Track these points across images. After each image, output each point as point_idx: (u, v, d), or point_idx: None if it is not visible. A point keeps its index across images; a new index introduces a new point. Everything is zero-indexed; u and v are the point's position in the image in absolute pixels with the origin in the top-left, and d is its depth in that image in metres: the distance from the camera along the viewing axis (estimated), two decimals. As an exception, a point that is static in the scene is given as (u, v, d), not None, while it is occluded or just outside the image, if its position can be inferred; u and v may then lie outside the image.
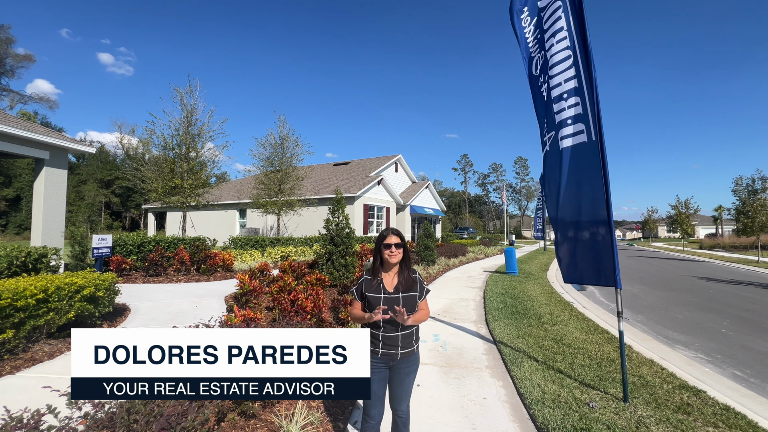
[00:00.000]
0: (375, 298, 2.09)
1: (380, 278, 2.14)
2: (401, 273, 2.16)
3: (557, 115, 3.69)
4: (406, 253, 2.16)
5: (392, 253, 2.11)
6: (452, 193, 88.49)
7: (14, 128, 7.40)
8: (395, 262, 2.13)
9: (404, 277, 2.14)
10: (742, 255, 25.23)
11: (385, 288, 2.12)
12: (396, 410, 2.17)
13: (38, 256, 6.50)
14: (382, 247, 2.14)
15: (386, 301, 2.07)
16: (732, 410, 3.14)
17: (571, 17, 3.55)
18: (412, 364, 2.15)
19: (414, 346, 2.14)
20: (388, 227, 2.30)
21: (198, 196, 13.54)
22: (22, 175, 41.80)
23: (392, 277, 2.16)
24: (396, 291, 2.11)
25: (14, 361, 3.77)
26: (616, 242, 3.38)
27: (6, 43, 42.34)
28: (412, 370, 2.15)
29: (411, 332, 2.12)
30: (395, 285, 2.13)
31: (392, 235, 2.14)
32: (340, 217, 8.26)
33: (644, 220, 67.20)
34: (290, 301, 5.20)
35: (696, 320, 6.91)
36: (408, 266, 2.18)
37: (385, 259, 2.12)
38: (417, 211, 27.07)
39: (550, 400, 3.21)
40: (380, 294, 2.10)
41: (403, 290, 2.12)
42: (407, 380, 2.14)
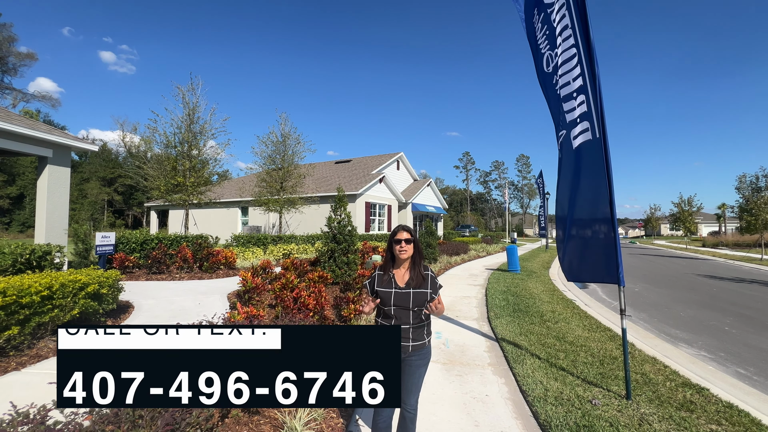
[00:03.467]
0: (386, 293, 2.13)
1: (392, 273, 2.18)
2: (413, 269, 2.19)
3: (568, 114, 3.67)
4: (417, 248, 2.20)
5: (402, 248, 2.15)
6: (454, 191, 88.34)
7: (18, 126, 7.43)
8: (405, 258, 2.17)
9: (416, 273, 2.17)
10: (746, 253, 25.12)
11: (396, 283, 2.15)
12: (405, 404, 2.17)
13: (42, 253, 6.54)
14: (393, 243, 2.19)
15: (396, 296, 2.12)
16: (735, 408, 3.14)
17: (575, 14, 3.53)
18: (423, 357, 2.17)
19: (425, 339, 2.17)
20: (399, 224, 2.31)
21: (200, 194, 13.56)
22: (25, 173, 41.98)
23: (403, 272, 2.20)
24: (407, 286, 2.14)
25: (20, 357, 3.80)
26: (619, 240, 3.37)
27: (8, 42, 42.40)
28: (422, 363, 2.17)
29: (422, 325, 2.16)
30: (406, 281, 2.16)
31: (402, 231, 2.19)
32: (342, 214, 8.26)
33: (647, 218, 67.02)
34: (293, 298, 5.21)
35: (699, 318, 6.89)
36: (419, 262, 2.21)
37: (396, 254, 2.17)
38: (419, 209, 27.05)
39: (552, 398, 3.22)
40: (391, 289, 2.14)
41: (414, 286, 2.14)
42: (417, 373, 2.16)
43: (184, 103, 13.07)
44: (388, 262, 2.23)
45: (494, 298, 7.56)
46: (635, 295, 9.16)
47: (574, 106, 3.59)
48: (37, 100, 47.89)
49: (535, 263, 15.28)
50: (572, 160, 3.65)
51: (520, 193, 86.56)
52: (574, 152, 3.61)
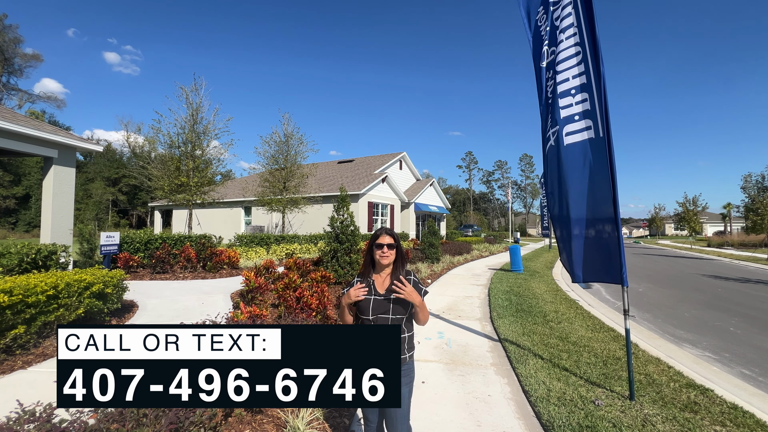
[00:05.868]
0: (364, 300, 1.94)
1: (371, 280, 2.01)
2: (394, 275, 2.00)
3: (563, 110, 3.65)
4: (399, 253, 2.02)
5: (384, 253, 1.97)
6: (456, 190, 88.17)
7: (23, 127, 7.50)
8: (387, 264, 1.99)
9: (396, 278, 1.97)
10: (751, 253, 24.89)
11: (376, 290, 1.97)
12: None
13: (48, 253, 6.60)
14: (374, 247, 2.01)
15: (376, 304, 1.92)
16: (740, 409, 3.11)
17: (582, 12, 3.52)
18: (405, 374, 1.92)
19: (406, 354, 1.93)
20: (382, 226, 2.25)
21: (203, 193, 13.64)
22: (31, 173, 42.34)
23: (384, 278, 2.01)
24: (387, 293, 1.94)
25: (26, 356, 3.84)
26: (623, 240, 3.35)
27: (14, 43, 42.81)
28: (405, 382, 1.91)
29: (403, 338, 1.94)
30: (387, 287, 1.97)
31: (385, 235, 2.00)
32: (344, 214, 8.27)
33: (651, 218, 66.56)
34: (295, 298, 5.23)
35: (703, 318, 6.84)
36: (402, 268, 2.03)
37: (377, 259, 1.99)
38: (421, 208, 27.04)
39: (555, 398, 3.21)
40: (370, 296, 1.95)
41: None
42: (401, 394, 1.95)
43: (187, 104, 13.16)
44: (367, 267, 2.04)
45: (497, 298, 7.54)
46: (639, 295, 9.11)
47: (572, 103, 3.57)
48: (42, 101, 48.44)
49: (538, 263, 15.23)
50: (565, 157, 3.62)
51: (523, 192, 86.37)
52: (567, 149, 3.60)
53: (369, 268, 2.04)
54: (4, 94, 43.74)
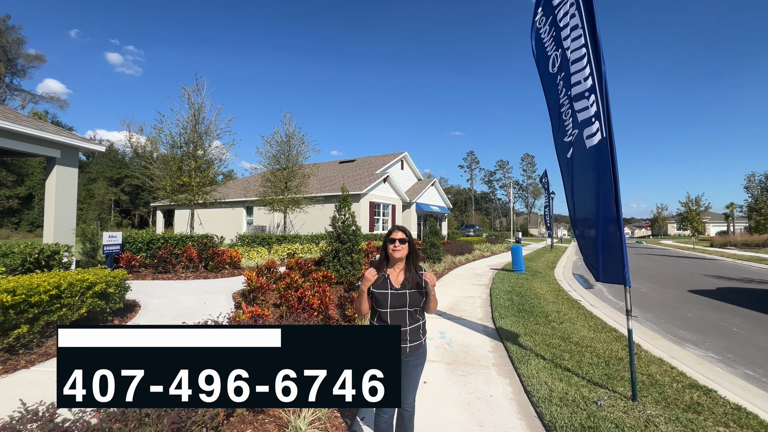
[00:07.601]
0: (382, 294, 2.11)
1: (386, 274, 2.16)
2: (408, 269, 2.17)
3: (579, 113, 3.60)
4: (412, 249, 2.18)
5: (396, 248, 2.13)
6: (458, 190, 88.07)
7: (27, 127, 7.53)
8: (399, 257, 2.15)
9: (411, 274, 2.16)
10: (755, 253, 24.74)
11: (391, 284, 2.14)
12: (403, 402, 2.17)
13: (51, 253, 6.63)
14: (387, 242, 2.18)
15: (393, 297, 2.10)
16: (743, 410, 3.10)
17: (584, 13, 3.51)
18: (420, 356, 2.19)
19: (422, 339, 2.19)
20: (395, 224, 2.32)
21: (205, 193, 13.67)
22: (34, 173, 42.53)
23: (398, 272, 2.18)
24: (403, 287, 2.13)
25: (29, 355, 3.85)
26: (625, 240, 3.34)
27: (17, 44, 43.00)
28: (419, 362, 2.19)
29: (418, 326, 2.17)
30: (402, 281, 2.15)
31: (397, 231, 2.18)
32: (346, 214, 8.27)
33: (653, 218, 66.42)
34: (297, 297, 5.23)
35: (706, 319, 6.81)
36: (415, 263, 2.19)
37: (390, 253, 2.15)
38: (423, 208, 27.01)
39: (557, 398, 3.20)
40: (387, 290, 2.12)
41: (410, 287, 2.14)
42: (415, 372, 2.17)
43: (189, 104, 13.18)
44: (382, 262, 2.21)
45: (499, 298, 7.53)
46: (642, 296, 9.07)
47: (587, 105, 3.54)
48: (45, 102, 48.60)
49: (540, 263, 15.19)
50: (588, 159, 3.57)
51: (525, 192, 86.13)
52: (589, 152, 3.55)
53: (384, 263, 2.20)
54: (8, 94, 43.98)
